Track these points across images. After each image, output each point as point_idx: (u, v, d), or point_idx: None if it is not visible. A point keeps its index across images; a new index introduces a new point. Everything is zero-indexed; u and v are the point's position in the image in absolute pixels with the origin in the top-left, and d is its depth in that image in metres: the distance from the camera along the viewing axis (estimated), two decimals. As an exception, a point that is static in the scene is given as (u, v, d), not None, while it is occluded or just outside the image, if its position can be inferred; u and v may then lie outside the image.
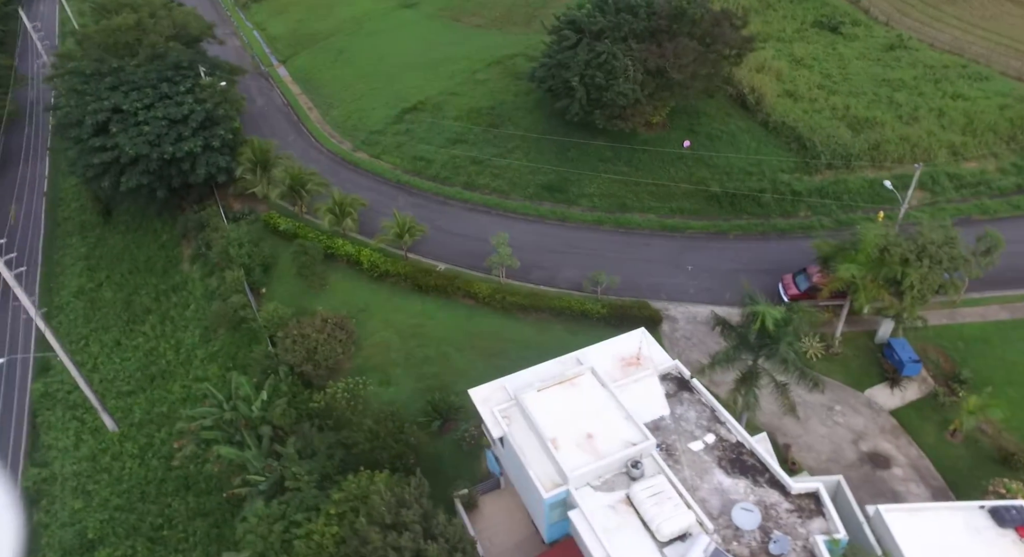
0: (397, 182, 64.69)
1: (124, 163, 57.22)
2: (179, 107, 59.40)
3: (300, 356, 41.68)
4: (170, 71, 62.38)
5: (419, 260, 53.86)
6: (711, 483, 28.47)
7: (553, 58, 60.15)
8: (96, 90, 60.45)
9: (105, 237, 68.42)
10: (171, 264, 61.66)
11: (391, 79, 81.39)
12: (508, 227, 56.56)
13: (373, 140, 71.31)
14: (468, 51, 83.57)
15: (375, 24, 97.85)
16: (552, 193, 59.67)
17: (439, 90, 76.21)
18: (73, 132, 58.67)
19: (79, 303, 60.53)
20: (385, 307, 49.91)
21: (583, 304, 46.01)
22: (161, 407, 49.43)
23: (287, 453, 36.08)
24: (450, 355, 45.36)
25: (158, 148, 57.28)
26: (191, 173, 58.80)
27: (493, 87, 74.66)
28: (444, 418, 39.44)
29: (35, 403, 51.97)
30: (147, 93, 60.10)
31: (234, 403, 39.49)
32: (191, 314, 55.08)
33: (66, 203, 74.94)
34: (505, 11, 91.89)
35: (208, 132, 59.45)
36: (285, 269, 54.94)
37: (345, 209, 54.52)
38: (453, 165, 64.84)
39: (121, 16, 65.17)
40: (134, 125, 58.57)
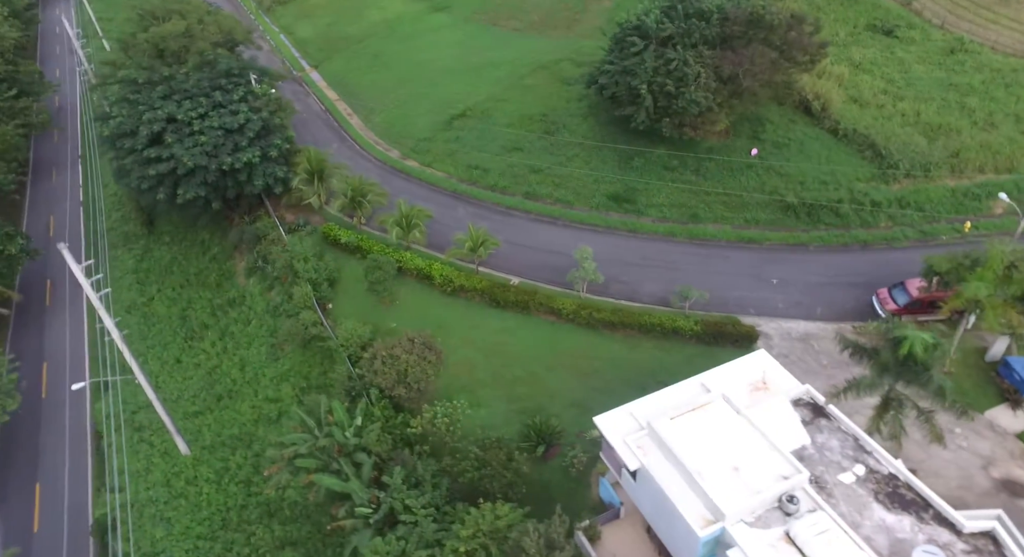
0: (453, 192, 63.15)
1: (181, 174, 55.41)
2: (234, 116, 57.72)
3: (391, 379, 40.13)
4: (222, 79, 60.70)
5: (490, 274, 52.35)
6: (873, 520, 27.08)
7: (617, 65, 58.64)
8: (148, 99, 58.71)
9: (151, 249, 66.69)
10: (225, 277, 59.98)
11: (433, 84, 79.90)
12: (577, 239, 55.27)
13: (422, 148, 69.76)
14: (511, 56, 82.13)
15: (408, 28, 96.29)
16: (619, 203, 58.25)
17: (485, 96, 74.78)
18: (127, 142, 56.83)
19: (132, 318, 58.80)
20: (463, 324, 48.38)
21: (674, 320, 44.59)
22: (231, 429, 47.80)
23: (394, 483, 34.58)
24: (540, 375, 43.88)
25: (215, 159, 55.61)
26: (248, 184, 57.14)
27: (542, 93, 73.25)
28: (548, 443, 37.92)
29: (98, 425, 50.12)
30: (200, 102, 58.41)
31: (329, 429, 37.89)
32: (253, 330, 53.42)
33: (106, 213, 73.05)
34: (544, 15, 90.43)
35: (264, 142, 57.84)
36: (351, 284, 53.36)
37: (412, 221, 52.95)
38: (511, 174, 63.36)
39: (171, 22, 63.34)
40: (189, 135, 56.87)
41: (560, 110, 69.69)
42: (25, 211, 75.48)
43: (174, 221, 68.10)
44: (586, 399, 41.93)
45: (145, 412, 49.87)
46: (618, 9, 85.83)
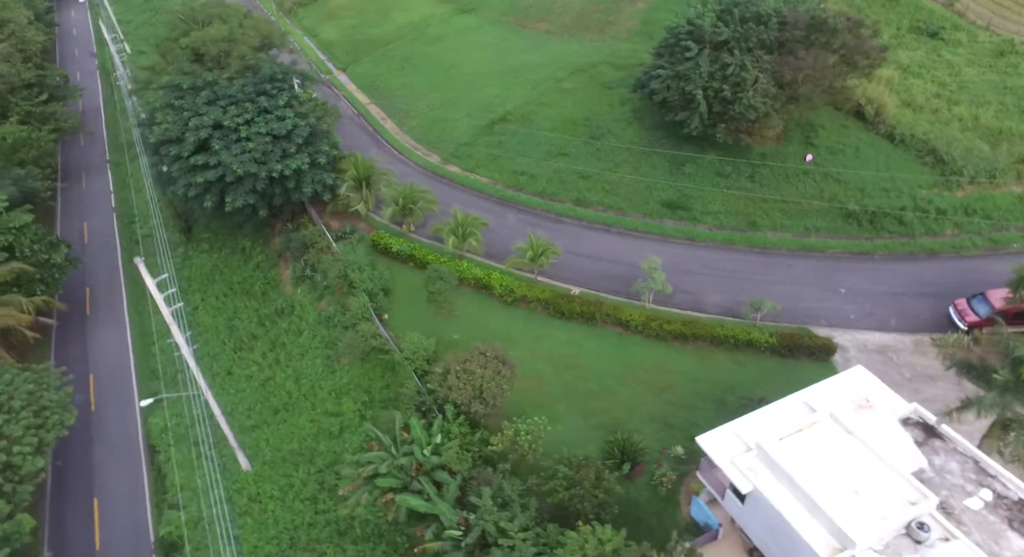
0: (500, 198, 62.16)
1: (229, 182, 54.30)
2: (281, 122, 56.58)
3: (467, 394, 39.08)
4: (266, 84, 59.53)
5: (548, 283, 51.38)
6: (1012, 550, 26.15)
7: (669, 69, 57.65)
8: (192, 105, 57.54)
9: (190, 256, 65.56)
10: (270, 286, 58.87)
11: (469, 88, 78.87)
12: (633, 247, 54.49)
13: (463, 153, 68.76)
14: (545, 59, 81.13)
15: (436, 30, 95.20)
16: (673, 210, 57.30)
17: (524, 100, 73.81)
18: (172, 149, 55.66)
19: (210, 318, 57.63)
20: (527, 336, 47.39)
21: (748, 333, 43.64)
22: (291, 444, 46.73)
23: (484, 505, 33.55)
24: (614, 389, 42.91)
25: (264, 166, 54.51)
26: (296, 192, 56.04)
27: (582, 97, 72.29)
28: (633, 461, 36.93)
29: (152, 439, 49.02)
30: (246, 108, 57.24)
31: (409, 448, 36.86)
32: (306, 341, 52.33)
33: (141, 220, 71.89)
34: (575, 17, 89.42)
35: (312, 148, 56.73)
36: (405, 294, 52.36)
37: (468, 230, 51.96)
38: (559, 180, 62.41)
39: (213, 27, 62.17)
40: (235, 142, 55.75)
41: (603, 114, 68.70)
42: (58, 217, 74.24)
43: (212, 228, 66.98)
44: (665, 414, 41.04)
45: (201, 426, 48.75)
46: (653, 11, 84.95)
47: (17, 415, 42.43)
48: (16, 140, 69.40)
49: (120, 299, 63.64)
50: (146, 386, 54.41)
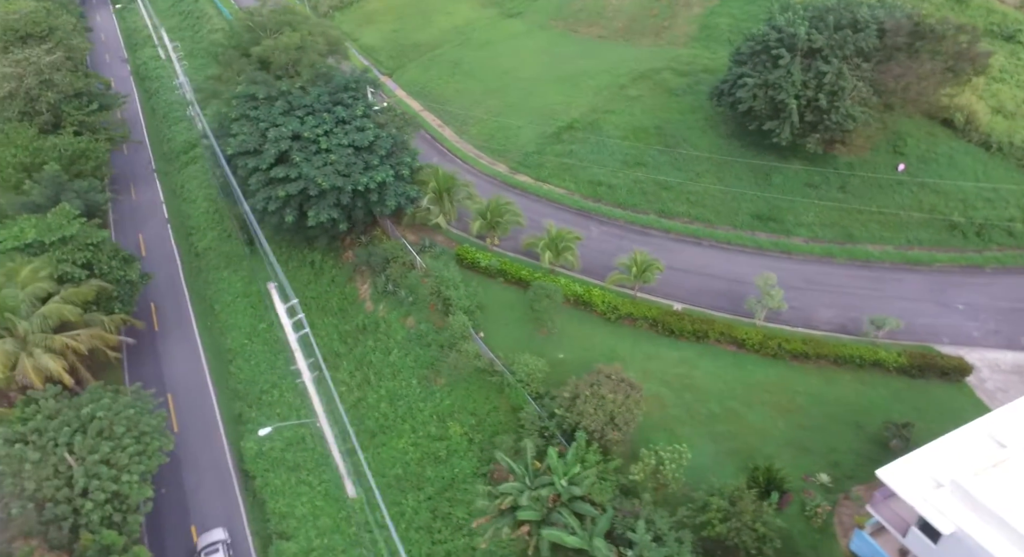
0: (580, 209, 60.72)
1: (313, 195, 52.57)
2: (361, 133, 54.89)
3: (600, 420, 37.44)
4: (342, 93, 57.81)
5: (648, 299, 49.83)
6: None
7: (757, 77, 56.13)
8: (268, 115, 55.81)
9: (257, 270, 63.66)
10: (348, 302, 57.15)
11: (527, 94, 77.35)
12: (728, 260, 53.16)
13: (532, 162, 67.25)
14: (603, 65, 79.57)
15: (483, 35, 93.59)
16: (764, 222, 55.90)
17: (587, 107, 72.32)
18: (250, 161, 53.89)
19: (255, 346, 56.02)
20: (636, 355, 45.82)
21: (875, 352, 42.15)
22: (394, 469, 45.05)
23: (641, 540, 31.93)
24: (739, 411, 41.34)
25: (348, 179, 52.79)
26: (379, 205, 54.32)
27: (649, 104, 70.79)
28: (781, 490, 35.36)
29: (246, 463, 47.24)
30: (324, 118, 55.54)
31: (549, 478, 35.22)
32: (397, 360, 50.63)
33: (200, 232, 70.06)
34: (627, 22, 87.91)
35: (394, 159, 55.04)
36: (499, 311, 50.78)
37: (564, 244, 50.39)
38: (640, 190, 60.96)
39: (285, 35, 60.38)
40: (315, 153, 54.04)
41: (674, 122, 67.21)
42: (111, 229, 72.30)
43: (276, 241, 65.22)
44: (798, 438, 39.54)
45: (296, 450, 47.14)
46: (711, 16, 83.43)
47: (121, 442, 40.64)
48: (75, 151, 67.55)
49: (186, 314, 61.82)
50: (227, 407, 52.69)
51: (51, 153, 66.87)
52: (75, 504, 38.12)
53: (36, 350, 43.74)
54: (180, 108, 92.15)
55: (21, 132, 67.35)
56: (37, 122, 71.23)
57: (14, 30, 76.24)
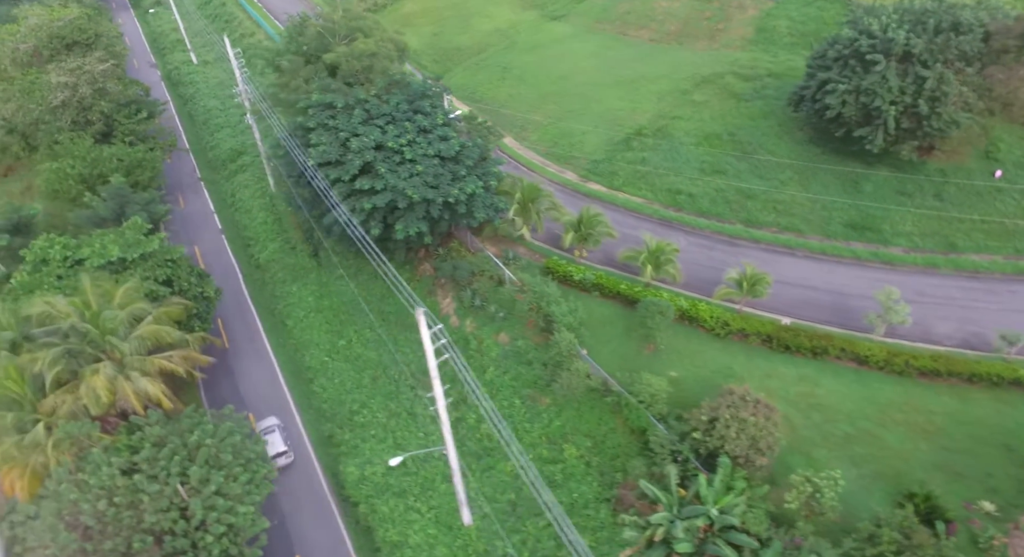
0: (661, 219, 59.32)
1: (402, 208, 50.80)
2: (446, 142, 53.18)
3: (744, 444, 35.90)
4: (421, 100, 56.09)
5: (752, 313, 48.35)
6: None
7: (848, 83, 54.74)
8: (348, 125, 54.00)
9: (325, 283, 61.92)
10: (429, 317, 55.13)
11: (586, 99, 75.88)
12: (828, 271, 52.05)
13: (602, 169, 65.85)
14: (661, 69, 78.30)
15: (529, 38, 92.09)
16: (859, 231, 54.61)
17: (653, 113, 70.97)
18: (331, 172, 52.07)
19: (337, 363, 54.19)
20: (753, 372, 44.32)
21: (1014, 370, 40.74)
22: (506, 494, 43.41)
23: (815, 575, 30.39)
24: (875, 433, 39.89)
25: (436, 190, 51.05)
26: (467, 217, 52.59)
27: (717, 110, 69.52)
28: (945, 519, 33.90)
29: (346, 488, 45.43)
30: (406, 127, 53.79)
31: (699, 507, 33.64)
32: (493, 379, 49.00)
33: (259, 243, 68.10)
34: (680, 25, 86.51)
35: (480, 170, 53.34)
36: (598, 327, 49.28)
37: (665, 257, 48.88)
38: (722, 199, 59.58)
39: (359, 41, 58.54)
40: (399, 164, 52.28)
41: (746, 128, 65.88)
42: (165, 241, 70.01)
43: (341, 252, 63.51)
44: (947, 462, 38.12)
45: (398, 474, 45.37)
46: (766, 18, 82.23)
47: (231, 470, 38.81)
48: (132, 161, 65.50)
49: (256, 330, 59.94)
50: (314, 428, 50.85)
51: (109, 164, 64.86)
52: (193, 538, 36.27)
53: (133, 373, 41.78)
54: (221, 114, 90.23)
55: (78, 143, 65.27)
56: (90, 132, 69.05)
57: (60, 37, 74.14)
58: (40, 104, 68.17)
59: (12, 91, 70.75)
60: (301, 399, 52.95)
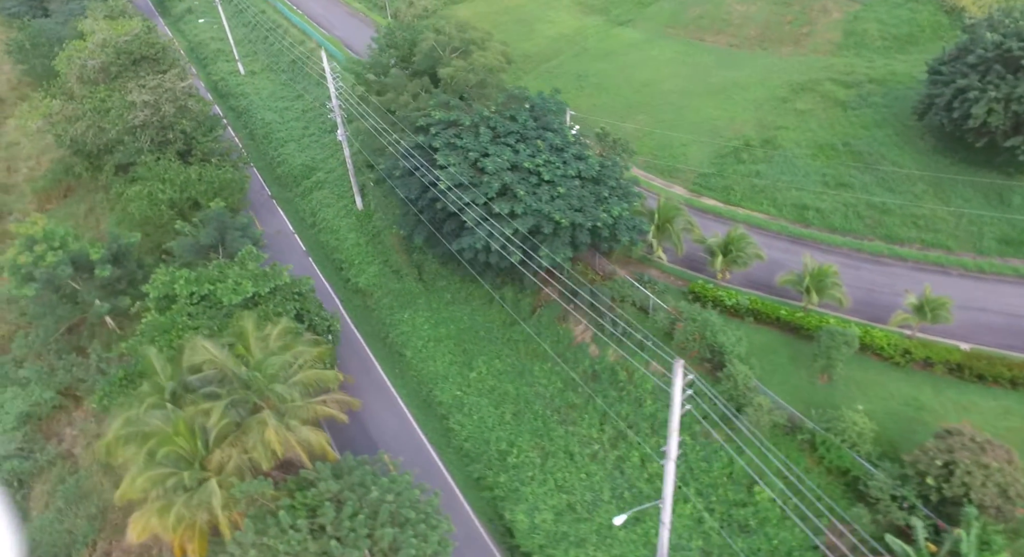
0: (791, 236, 56.87)
1: (547, 233, 47.88)
2: (584, 162, 50.33)
3: (992, 493, 33.28)
4: (549, 116, 53.18)
5: (926, 339, 45.80)
6: None
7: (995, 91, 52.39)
8: (475, 143, 51.00)
9: (436, 310, 58.84)
10: (564, 346, 52.50)
11: (678, 109, 73.30)
12: (991, 291, 50.00)
13: (713, 183, 63.25)
14: (751, 76, 75.83)
15: (599, 45, 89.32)
16: (1016, 247, 52.20)
17: (754, 122, 68.53)
18: (465, 195, 49.06)
19: (473, 398, 51.09)
20: (945, 405, 41.85)
21: None
22: (694, 540, 40.65)
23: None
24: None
25: (582, 213, 48.22)
26: (610, 240, 49.79)
27: (824, 119, 67.24)
28: None
29: (520, 539, 42.44)
30: (538, 146, 50.86)
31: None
32: (655, 413, 46.24)
33: (354, 266, 64.82)
34: (760, 29, 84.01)
35: (621, 190, 50.53)
36: (761, 355, 46.57)
37: (829, 281, 46.24)
38: (854, 214, 57.16)
39: (476, 54, 55.47)
40: (536, 185, 49.38)
41: (862, 138, 63.55)
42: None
43: (444, 275, 60.63)
44: None
45: (569, 521, 42.44)
46: (854, 22, 79.98)
47: (416, 529, 35.76)
48: (221, 183, 62.12)
49: (369, 361, 56.80)
50: (459, 471, 47.82)
51: (198, 186, 61.42)
52: (395, 608, 33.17)
53: (293, 421, 38.61)
54: (282, 128, 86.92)
55: (165, 165, 61.74)
56: (170, 152, 65.54)
57: (128, 53, 70.49)
58: (116, 124, 64.42)
59: (83, 110, 66.98)
60: (437, 438, 49.86)
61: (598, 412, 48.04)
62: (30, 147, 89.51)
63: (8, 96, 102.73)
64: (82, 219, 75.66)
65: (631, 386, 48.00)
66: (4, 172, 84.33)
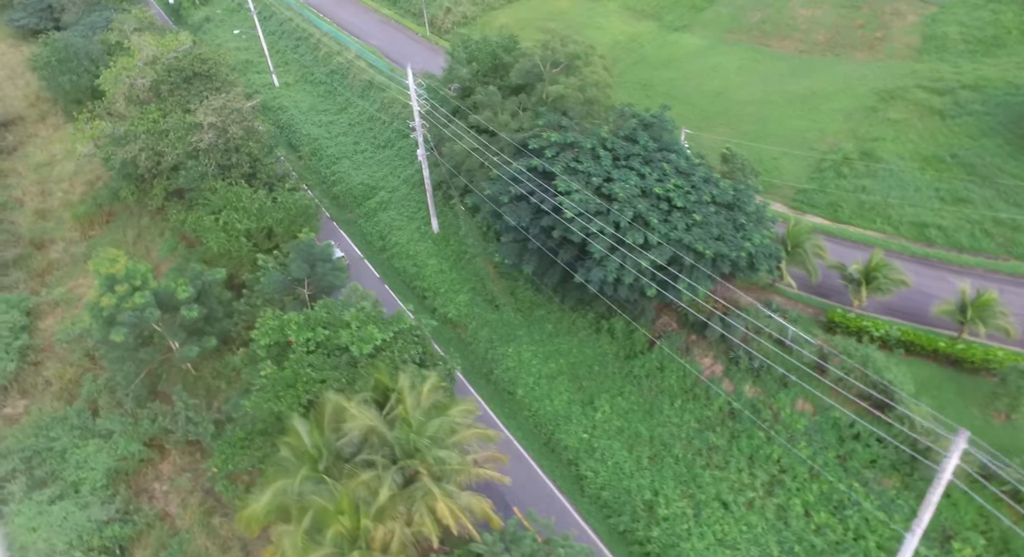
0: (913, 256, 53.99)
1: (687, 265, 44.41)
2: (714, 186, 46.95)
3: None
4: (666, 134, 49.75)
5: (1098, 370, 42.78)
6: None
7: None
8: (596, 168, 47.45)
9: (543, 342, 55.10)
10: (691, 380, 49.07)
11: (761, 120, 70.16)
12: None
13: (815, 200, 60.32)
14: (831, 84, 72.91)
15: (658, 52, 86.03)
16: None
17: (847, 133, 65.76)
18: (594, 223, 45.49)
19: (604, 442, 47.68)
20: None
21: None
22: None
23: None
24: None
25: (723, 242, 44.84)
26: (748, 270, 46.40)
27: (922, 129, 64.60)
28: None
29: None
30: (664, 169, 47.42)
31: None
32: (812, 456, 42.79)
33: (440, 295, 60.94)
34: (831, 34, 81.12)
35: (758, 215, 47.20)
36: (923, 392, 43.33)
37: (995, 309, 43.20)
38: (981, 232, 54.39)
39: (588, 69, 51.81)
40: (667, 212, 45.94)
41: (970, 149, 60.78)
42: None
43: (540, 303, 57.07)
44: None
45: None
46: (933, 25, 77.35)
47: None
48: (298, 209, 58.08)
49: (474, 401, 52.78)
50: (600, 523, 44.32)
51: (275, 214, 57.29)
52: None
53: (452, 487, 34.84)
54: (330, 143, 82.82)
55: (238, 191, 57.53)
56: (235, 176, 61.33)
57: (179, 70, 66.12)
58: (176, 146, 60.10)
59: (135, 132, 62.56)
60: (567, 486, 46.30)
61: (744, 454, 44.68)
62: (60, 169, 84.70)
63: (28, 113, 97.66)
64: (131, 247, 71.14)
65: (778, 426, 44.63)
66: (39, 196, 79.32)
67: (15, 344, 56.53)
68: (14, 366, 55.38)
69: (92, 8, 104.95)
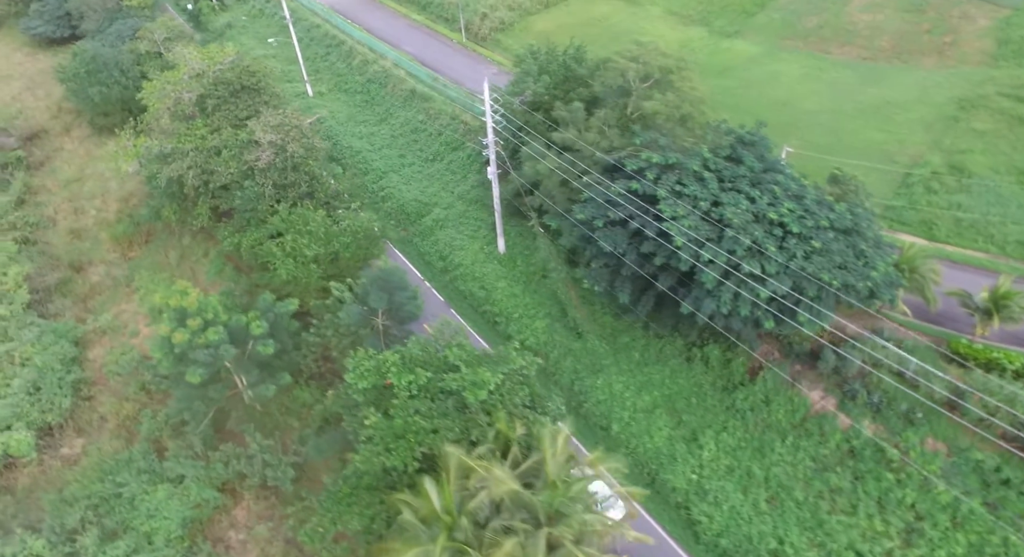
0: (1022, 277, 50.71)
1: (810, 295, 41.38)
2: (830, 210, 43.95)
3: None
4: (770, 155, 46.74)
5: None
6: None
7: None
8: (703, 191, 44.37)
9: (632, 372, 52.04)
10: (800, 415, 46.06)
11: (834, 132, 67.34)
12: None
13: (907, 217, 57.66)
14: (904, 93, 70.23)
15: (712, 59, 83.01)
16: None
17: (929, 145, 63.36)
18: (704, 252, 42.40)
19: (715, 483, 44.52)
20: None
21: None
22: None
23: None
24: None
25: (847, 271, 41.85)
26: (870, 299, 43.39)
27: (1014, 139, 62.43)
28: None
29: None
30: (775, 192, 44.36)
31: None
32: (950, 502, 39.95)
33: (513, 321, 57.72)
34: (895, 40, 78.31)
35: (876, 241, 44.22)
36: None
37: None
38: (1094, 251, 51.16)
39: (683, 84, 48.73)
40: (782, 238, 42.90)
41: (1065, 161, 57.72)
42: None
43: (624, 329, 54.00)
44: None
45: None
46: (1008, 28, 74.86)
47: None
48: (365, 231, 54.85)
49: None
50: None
51: (342, 238, 54.03)
52: None
53: (591, 550, 31.69)
54: (376, 157, 79.32)
55: (304, 214, 54.20)
56: (292, 196, 58.00)
57: (226, 83, 62.74)
58: (231, 165, 56.75)
59: (184, 149, 59.17)
60: (679, 532, 43.25)
61: (872, 498, 41.69)
62: (91, 185, 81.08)
63: (51, 126, 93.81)
64: (175, 269, 67.71)
65: (909, 467, 41.59)
66: (72, 214, 75.68)
67: (68, 378, 53.08)
68: (69, 402, 51.96)
69: (113, 16, 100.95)
